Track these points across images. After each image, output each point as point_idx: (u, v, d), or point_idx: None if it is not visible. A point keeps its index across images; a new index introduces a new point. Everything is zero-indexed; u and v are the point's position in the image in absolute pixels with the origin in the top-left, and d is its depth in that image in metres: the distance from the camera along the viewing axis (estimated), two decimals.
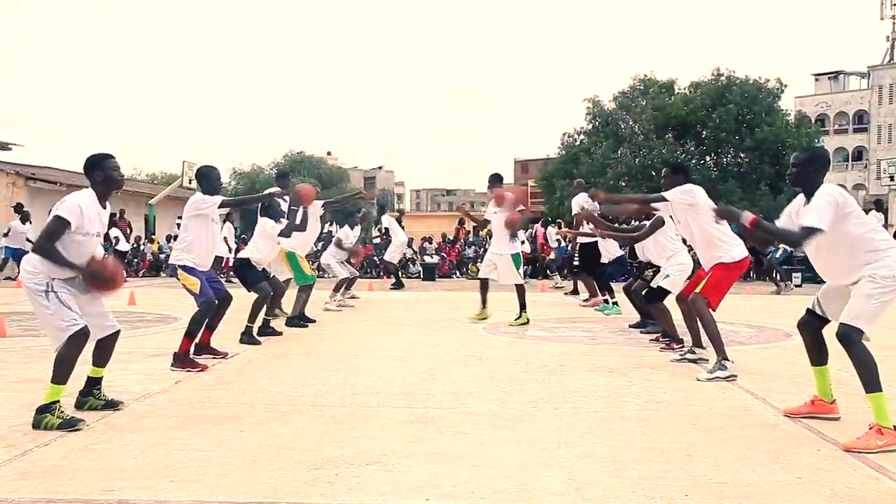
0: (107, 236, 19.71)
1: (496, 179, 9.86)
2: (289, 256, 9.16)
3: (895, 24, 54.47)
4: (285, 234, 8.43)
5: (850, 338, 4.11)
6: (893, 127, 53.29)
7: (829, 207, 4.13)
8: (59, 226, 4.41)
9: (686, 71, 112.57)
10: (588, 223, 9.52)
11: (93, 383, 4.82)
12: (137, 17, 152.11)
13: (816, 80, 57.90)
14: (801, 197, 4.44)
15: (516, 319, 9.45)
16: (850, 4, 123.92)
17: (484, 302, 9.90)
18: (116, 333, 4.79)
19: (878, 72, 54.04)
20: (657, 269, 8.14)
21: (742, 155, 33.06)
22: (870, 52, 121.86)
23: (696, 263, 6.79)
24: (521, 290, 9.55)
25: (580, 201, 11.77)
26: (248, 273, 8.02)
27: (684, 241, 7.31)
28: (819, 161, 4.46)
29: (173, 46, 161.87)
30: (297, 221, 8.56)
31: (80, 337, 4.38)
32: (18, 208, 18.74)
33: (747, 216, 4.29)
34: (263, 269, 8.28)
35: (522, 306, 9.50)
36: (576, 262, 12.04)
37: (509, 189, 9.43)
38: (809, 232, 4.12)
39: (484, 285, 9.95)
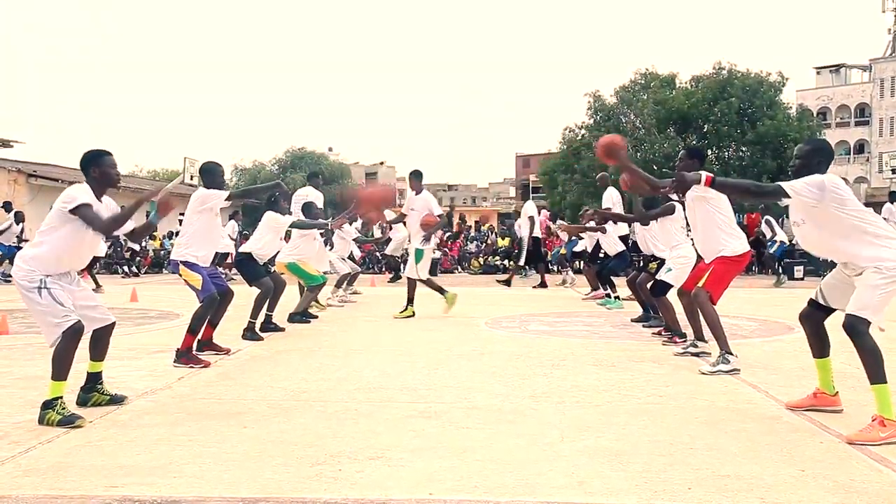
0: (116, 237, 19.67)
1: (417, 176, 10.17)
2: (290, 267, 9.15)
3: None
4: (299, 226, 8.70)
5: (857, 328, 4.11)
6: (895, 120, 53.18)
7: (813, 185, 4.17)
8: (89, 210, 4.44)
9: (687, 65, 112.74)
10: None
11: (93, 379, 4.82)
12: (139, 13, 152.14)
13: (818, 73, 57.79)
14: None
15: (401, 311, 9.77)
16: None
17: (440, 290, 10.02)
18: (111, 325, 4.79)
19: (880, 65, 53.92)
20: (661, 262, 8.14)
21: (744, 149, 33.00)
22: (871, 45, 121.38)
23: (698, 256, 6.76)
24: (412, 284, 9.91)
25: (613, 198, 11.71)
26: (250, 268, 8.02)
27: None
28: (822, 152, 4.46)
29: (174, 42, 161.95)
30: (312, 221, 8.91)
31: (75, 332, 4.38)
32: (8, 207, 18.56)
33: (702, 177, 4.33)
34: (265, 264, 8.30)
35: (409, 300, 9.84)
36: (601, 256, 12.05)
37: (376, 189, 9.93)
38: (777, 189, 4.22)
39: (429, 282, 10.08)
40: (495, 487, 3.32)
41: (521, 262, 15.82)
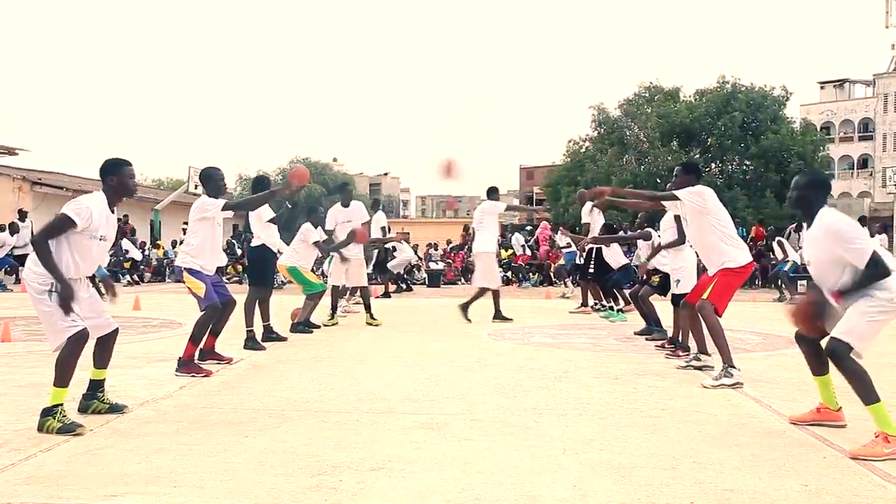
0: (117, 246, 19.71)
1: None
2: (291, 271, 9.20)
3: None
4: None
5: (839, 352, 4.10)
6: None
7: (859, 231, 4.20)
8: (62, 224, 4.42)
9: (691, 78, 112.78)
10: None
11: (95, 386, 4.82)
12: (144, 22, 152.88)
13: (822, 87, 57.84)
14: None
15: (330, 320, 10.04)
16: (856, 13, 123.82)
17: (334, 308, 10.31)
18: (115, 332, 4.80)
19: (884, 80, 53.95)
20: (664, 276, 8.14)
21: (747, 162, 32.99)
22: (875, 61, 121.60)
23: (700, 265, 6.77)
24: (365, 291, 10.40)
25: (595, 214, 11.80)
26: (267, 267, 8.17)
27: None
28: (820, 186, 4.52)
29: (179, 51, 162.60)
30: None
31: (80, 339, 4.38)
32: (22, 216, 18.77)
33: (831, 297, 4.24)
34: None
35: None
36: (591, 270, 12.08)
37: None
38: (873, 262, 4.11)
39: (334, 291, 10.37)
40: (497, 500, 3.30)
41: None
